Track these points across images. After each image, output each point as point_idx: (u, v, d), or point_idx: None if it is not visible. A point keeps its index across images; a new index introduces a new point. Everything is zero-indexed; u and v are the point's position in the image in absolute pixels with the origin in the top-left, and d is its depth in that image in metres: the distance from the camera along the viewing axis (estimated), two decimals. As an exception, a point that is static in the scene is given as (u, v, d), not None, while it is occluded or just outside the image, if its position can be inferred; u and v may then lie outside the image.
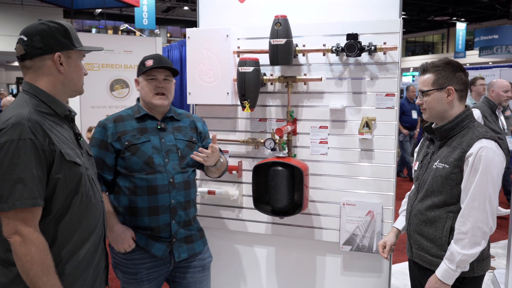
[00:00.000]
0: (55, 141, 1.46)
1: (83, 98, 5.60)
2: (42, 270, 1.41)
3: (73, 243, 1.53)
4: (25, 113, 1.44)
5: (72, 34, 1.58)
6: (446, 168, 1.83)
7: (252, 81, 2.44)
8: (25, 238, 1.39)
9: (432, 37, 29.20)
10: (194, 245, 2.19)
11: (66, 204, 1.50)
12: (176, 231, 2.10)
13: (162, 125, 2.14)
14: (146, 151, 2.05)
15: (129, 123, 2.11)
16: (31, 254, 1.39)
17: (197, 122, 2.32)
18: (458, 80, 1.89)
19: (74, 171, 1.50)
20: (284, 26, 2.37)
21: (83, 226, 1.55)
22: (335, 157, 2.55)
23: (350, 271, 2.62)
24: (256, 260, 2.81)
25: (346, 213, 2.52)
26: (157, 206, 2.05)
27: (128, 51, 5.83)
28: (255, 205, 2.49)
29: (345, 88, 2.50)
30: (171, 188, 2.07)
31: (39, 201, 1.41)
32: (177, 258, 2.12)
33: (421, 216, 1.93)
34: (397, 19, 2.39)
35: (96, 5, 12.23)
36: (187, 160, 2.15)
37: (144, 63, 2.12)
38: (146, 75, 2.11)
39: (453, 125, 1.88)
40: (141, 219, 2.06)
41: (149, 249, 2.07)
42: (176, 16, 24.14)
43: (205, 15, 2.79)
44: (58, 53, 1.53)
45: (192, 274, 2.20)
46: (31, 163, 1.39)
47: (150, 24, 14.23)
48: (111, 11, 20.77)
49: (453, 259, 1.78)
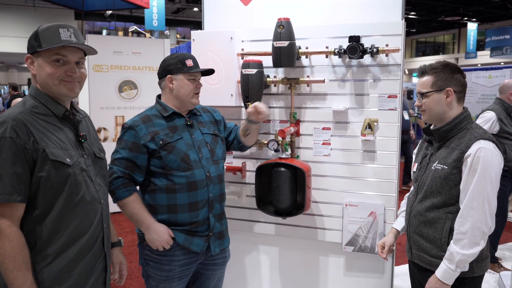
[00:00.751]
0: (40, 141, 1.50)
1: (92, 99, 5.68)
2: (13, 265, 1.45)
3: (61, 242, 1.55)
4: (14, 113, 1.50)
5: (43, 34, 1.56)
6: (445, 169, 1.85)
7: (256, 83, 2.47)
8: (1, 231, 1.45)
9: (442, 37, 28.98)
10: (224, 240, 2.24)
11: (50, 203, 1.53)
12: (213, 225, 2.14)
13: (190, 122, 2.16)
14: (181, 148, 2.07)
15: (158, 122, 2.11)
16: (4, 248, 1.44)
17: (214, 113, 2.35)
18: (457, 81, 1.90)
19: (60, 170, 1.52)
20: (287, 28, 2.40)
21: (71, 226, 1.57)
22: (338, 158, 2.57)
23: (353, 271, 2.64)
24: (259, 260, 2.84)
25: (349, 214, 2.54)
26: (197, 202, 2.07)
27: (136, 53, 5.90)
28: (258, 206, 2.51)
29: (347, 90, 2.52)
30: (209, 182, 2.10)
31: (14, 197, 1.45)
32: (213, 252, 2.15)
33: (420, 217, 1.94)
34: (399, 21, 2.40)
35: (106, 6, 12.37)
36: (216, 153, 2.19)
37: (184, 62, 2.12)
38: (188, 75, 2.12)
39: (452, 126, 1.89)
40: (181, 216, 2.07)
41: (188, 246, 2.08)
42: (186, 17, 24.28)
43: (210, 17, 2.83)
44: (28, 55, 1.59)
45: (213, 271, 2.24)
46: (10, 160, 1.44)
47: (159, 26, 14.31)
48: (121, 12, 20.96)
49: (452, 259, 1.79)
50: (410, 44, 30.38)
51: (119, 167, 2.05)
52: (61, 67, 1.58)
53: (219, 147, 2.24)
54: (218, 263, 2.25)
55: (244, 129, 2.36)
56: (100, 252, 1.69)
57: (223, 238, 2.23)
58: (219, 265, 2.26)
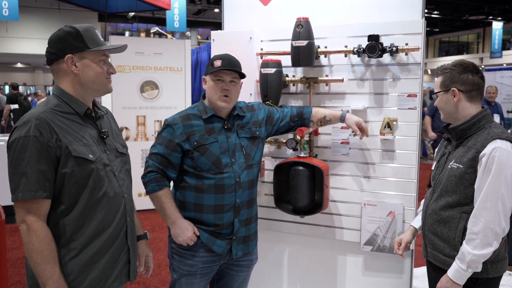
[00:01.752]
0: (63, 138, 1.56)
1: (114, 99, 5.79)
2: (41, 259, 1.51)
3: (86, 236, 1.61)
4: (38, 112, 1.57)
5: (87, 35, 1.65)
6: (460, 168, 1.85)
7: (274, 82, 2.49)
8: (28, 227, 1.52)
9: (466, 36, 28.44)
10: (249, 244, 2.23)
11: (75, 198, 1.59)
12: (237, 230, 2.14)
13: (228, 125, 2.15)
14: (214, 152, 2.08)
15: (197, 122, 2.12)
16: (32, 242, 1.51)
17: (258, 110, 2.30)
18: (463, 81, 1.89)
19: (83, 166, 1.59)
20: (305, 28, 2.41)
21: (96, 220, 1.63)
22: (357, 157, 2.56)
23: (371, 271, 2.63)
24: (277, 258, 2.85)
25: (367, 213, 2.53)
26: (223, 205, 2.09)
27: (158, 53, 5.98)
28: (276, 204, 2.53)
29: (366, 89, 2.52)
30: (237, 187, 2.11)
31: (39, 193, 1.52)
32: (234, 256, 2.16)
33: (435, 216, 1.94)
34: (419, 20, 2.39)
35: (129, 8, 12.57)
36: (252, 157, 2.19)
37: (212, 62, 2.11)
38: (213, 76, 2.10)
39: (469, 125, 1.89)
40: (206, 216, 2.10)
41: (210, 245, 2.11)
42: (207, 18, 24.44)
43: (230, 18, 2.86)
44: (69, 55, 1.62)
45: (237, 273, 2.25)
46: (34, 158, 1.51)
47: (181, 27, 14.45)
48: (144, 14, 21.24)
49: (463, 259, 1.79)
50: (433, 43, 29.91)
51: (154, 162, 2.10)
52: (104, 66, 1.70)
53: (258, 150, 2.23)
54: (243, 265, 2.25)
55: (326, 120, 2.37)
56: (123, 245, 1.75)
57: (248, 242, 2.22)
58: (244, 267, 2.26)
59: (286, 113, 2.39)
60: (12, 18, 12.04)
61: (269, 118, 2.33)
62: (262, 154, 2.30)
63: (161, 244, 4.77)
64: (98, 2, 11.23)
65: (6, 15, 11.83)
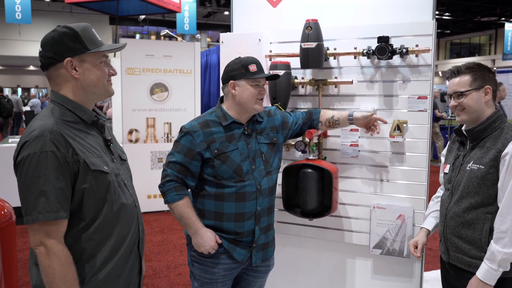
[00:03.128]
0: (79, 151, 1.46)
1: (124, 102, 5.82)
2: (64, 283, 1.41)
3: (106, 252, 1.53)
4: (48, 124, 1.44)
5: (85, 36, 1.51)
6: (482, 169, 1.85)
7: (283, 84, 2.48)
8: (48, 250, 1.40)
9: (478, 38, 28.15)
10: (268, 251, 2.20)
11: (95, 214, 1.50)
12: (258, 237, 2.11)
13: (248, 131, 2.10)
14: (235, 160, 2.04)
15: (216, 129, 2.06)
16: (54, 266, 1.40)
17: (275, 116, 2.25)
18: (492, 80, 1.94)
19: (101, 179, 1.49)
20: (315, 29, 2.40)
21: (115, 234, 1.55)
22: (366, 160, 2.55)
23: (381, 275, 2.61)
24: (285, 261, 2.84)
25: (377, 217, 2.51)
26: (244, 213, 2.06)
27: (168, 56, 6.01)
28: (285, 207, 2.52)
29: (376, 91, 2.50)
30: (258, 195, 2.07)
31: (61, 213, 1.41)
32: (254, 263, 2.13)
33: (458, 219, 1.93)
34: (430, 21, 2.37)
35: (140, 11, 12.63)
36: (271, 163, 2.15)
37: (247, 67, 2.04)
38: (251, 81, 2.05)
39: (485, 126, 1.90)
40: (227, 224, 2.06)
41: (231, 252, 2.08)
42: (217, 21, 24.51)
43: (239, 20, 2.86)
44: (68, 58, 1.49)
45: (254, 278, 2.23)
46: (53, 175, 1.39)
47: (191, 29, 14.52)
48: (154, 17, 21.37)
49: (494, 259, 1.78)
50: (444, 45, 29.66)
51: (173, 171, 2.04)
52: (105, 68, 1.57)
53: (275, 156, 2.19)
54: (261, 270, 2.23)
55: (334, 120, 2.33)
56: (136, 256, 1.67)
57: (267, 249, 2.20)
58: (261, 272, 2.24)
59: (298, 116, 2.36)
60: (24, 22, 12.20)
61: (284, 124, 2.28)
62: (281, 159, 2.26)
63: (170, 246, 4.78)
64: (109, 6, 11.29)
65: (19, 18, 11.98)
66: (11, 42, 19.36)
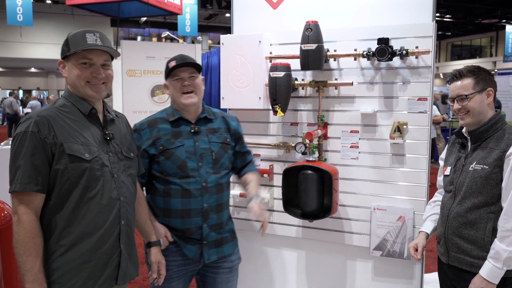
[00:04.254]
0: (60, 136, 1.61)
1: (125, 103, 5.82)
2: (24, 250, 1.55)
3: (75, 235, 1.62)
4: (41, 110, 1.64)
5: (72, 39, 1.69)
6: (486, 169, 1.87)
7: (283, 85, 2.48)
8: (18, 218, 1.57)
9: (479, 40, 28.16)
10: (224, 247, 2.20)
11: (65, 194, 1.62)
12: (207, 234, 2.12)
13: (196, 129, 2.14)
14: (180, 156, 2.08)
15: (164, 126, 2.13)
16: (18, 233, 1.56)
17: (231, 121, 2.29)
18: (493, 82, 1.96)
19: (77, 164, 1.62)
20: (315, 31, 2.40)
21: (86, 220, 1.64)
22: (366, 161, 2.54)
23: (381, 276, 2.60)
24: (286, 263, 2.83)
25: (377, 218, 2.50)
26: (190, 210, 2.09)
27: (168, 58, 5.99)
28: (285, 208, 2.52)
29: (376, 93, 2.50)
30: (204, 192, 2.09)
31: (30, 186, 1.56)
32: (206, 260, 2.14)
33: (460, 219, 1.94)
34: (430, 23, 2.37)
35: (141, 13, 12.65)
36: (221, 162, 2.17)
37: (167, 65, 2.12)
38: (171, 77, 2.12)
39: (488, 127, 1.92)
40: (174, 221, 2.10)
41: (181, 248, 2.12)
42: (218, 23, 24.55)
43: (239, 21, 2.86)
44: (60, 59, 1.73)
45: (220, 275, 2.22)
46: (29, 152, 1.57)
47: (192, 31, 14.54)
48: (155, 19, 21.41)
49: (499, 258, 1.78)
50: (446, 47, 29.67)
51: None
52: (87, 69, 1.70)
53: (227, 157, 2.21)
54: (223, 266, 2.22)
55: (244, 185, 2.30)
56: (115, 248, 1.72)
57: (222, 246, 2.19)
58: (224, 268, 2.23)
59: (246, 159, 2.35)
60: (26, 24, 12.24)
61: (240, 138, 2.31)
62: (230, 162, 2.26)
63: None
64: (110, 8, 11.32)
65: (20, 20, 12.02)
66: (12, 44, 19.38)
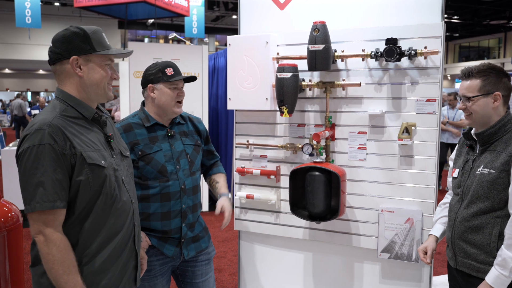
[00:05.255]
0: (76, 145, 1.53)
1: (132, 105, 5.83)
2: (63, 269, 1.48)
3: (97, 243, 1.59)
4: (48, 118, 1.52)
5: (94, 38, 1.60)
6: (492, 173, 1.81)
7: (290, 86, 2.47)
8: (47, 238, 1.48)
9: (487, 41, 27.97)
10: (201, 242, 2.29)
11: (89, 205, 1.56)
12: (185, 233, 2.20)
13: (171, 132, 2.20)
14: (159, 160, 2.12)
15: (139, 131, 2.15)
16: (52, 253, 1.48)
17: (197, 123, 2.38)
18: (504, 85, 1.88)
19: (97, 173, 1.56)
20: (322, 32, 2.38)
21: (107, 226, 1.61)
22: (374, 163, 2.52)
23: (389, 279, 2.58)
24: (292, 264, 2.82)
25: (385, 220, 2.48)
26: (169, 212, 2.14)
27: (175, 59, 6.00)
28: (292, 210, 2.50)
29: (384, 94, 2.48)
30: (183, 194, 2.16)
31: (57, 203, 1.48)
32: (186, 257, 2.21)
33: (466, 223, 1.90)
34: (438, 23, 2.34)
35: (148, 15, 12.71)
36: (195, 164, 2.26)
37: (164, 71, 2.14)
38: (169, 84, 2.15)
39: (495, 130, 1.86)
40: (153, 224, 2.14)
41: (160, 249, 2.16)
42: (225, 25, 24.60)
43: (246, 22, 2.86)
44: (75, 56, 1.58)
45: (199, 268, 2.31)
46: (50, 167, 1.47)
47: (199, 33, 14.57)
48: (163, 21, 21.51)
49: (505, 265, 1.74)
50: (453, 49, 29.51)
51: None
52: (109, 70, 1.66)
53: (199, 158, 2.31)
54: (201, 259, 2.31)
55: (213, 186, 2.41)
56: (132, 251, 1.74)
57: (199, 241, 2.28)
58: (203, 261, 2.31)
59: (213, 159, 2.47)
60: (34, 26, 12.32)
61: (207, 138, 2.42)
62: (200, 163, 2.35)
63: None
64: (118, 10, 11.38)
65: (29, 22, 12.11)
66: (21, 46, 19.55)
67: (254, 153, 2.82)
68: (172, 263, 2.23)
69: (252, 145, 2.81)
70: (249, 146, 2.82)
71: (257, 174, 2.76)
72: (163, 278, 2.21)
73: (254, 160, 2.82)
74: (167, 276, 2.25)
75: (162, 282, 2.20)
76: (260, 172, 2.75)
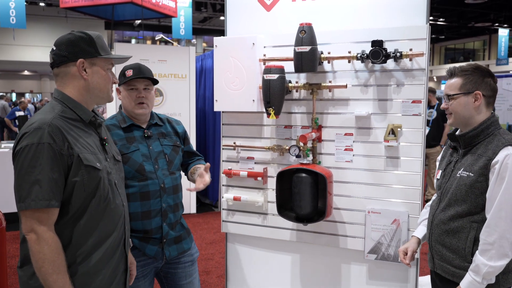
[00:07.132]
0: (74, 146, 1.54)
1: (117, 105, 5.79)
2: (53, 268, 1.48)
3: (89, 245, 1.59)
4: (48, 118, 1.54)
5: (98, 42, 1.66)
6: (471, 177, 1.79)
7: (277, 88, 2.47)
8: (39, 236, 1.48)
9: (472, 43, 28.36)
10: (183, 243, 2.29)
11: (83, 206, 1.57)
12: (167, 233, 2.20)
13: (148, 133, 2.22)
14: (137, 160, 2.13)
15: (116, 132, 2.17)
16: (43, 252, 1.47)
17: (176, 125, 2.40)
18: (486, 85, 1.85)
19: (92, 175, 1.57)
20: (308, 33, 2.39)
21: (99, 229, 1.61)
22: (360, 164, 2.53)
23: (376, 280, 2.59)
24: (280, 266, 2.81)
25: (371, 221, 2.49)
26: (150, 211, 2.14)
27: (162, 60, 5.99)
28: (279, 212, 2.50)
29: (370, 95, 2.49)
30: (162, 193, 2.17)
31: (52, 202, 1.49)
32: (168, 257, 2.21)
33: (443, 226, 1.89)
34: (424, 25, 2.36)
35: (135, 16, 12.62)
36: (174, 164, 2.27)
37: (124, 73, 2.17)
38: (126, 85, 2.17)
39: (478, 132, 1.83)
40: (134, 223, 2.13)
41: (142, 249, 2.15)
42: (213, 26, 24.54)
43: (233, 24, 2.85)
44: (81, 59, 1.62)
45: (182, 269, 2.31)
46: (48, 166, 1.48)
47: (186, 34, 14.51)
48: (150, 22, 21.38)
49: (478, 271, 1.72)
50: (439, 51, 29.86)
51: None
52: (111, 75, 1.72)
53: (178, 158, 2.32)
54: (184, 261, 2.31)
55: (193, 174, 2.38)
56: (122, 254, 1.74)
57: (181, 242, 2.28)
58: (186, 262, 2.31)
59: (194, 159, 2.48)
60: (19, 26, 12.14)
61: (186, 139, 2.44)
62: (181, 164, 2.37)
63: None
64: (104, 10, 11.27)
65: (13, 23, 11.93)
66: (5, 47, 19.25)
67: (241, 155, 2.81)
68: (155, 265, 2.22)
69: (239, 147, 2.81)
70: (236, 148, 2.82)
71: (244, 176, 2.75)
72: (145, 280, 2.20)
73: (241, 162, 2.81)
74: (150, 278, 2.24)
75: (144, 284, 2.19)
76: (247, 174, 2.74)
